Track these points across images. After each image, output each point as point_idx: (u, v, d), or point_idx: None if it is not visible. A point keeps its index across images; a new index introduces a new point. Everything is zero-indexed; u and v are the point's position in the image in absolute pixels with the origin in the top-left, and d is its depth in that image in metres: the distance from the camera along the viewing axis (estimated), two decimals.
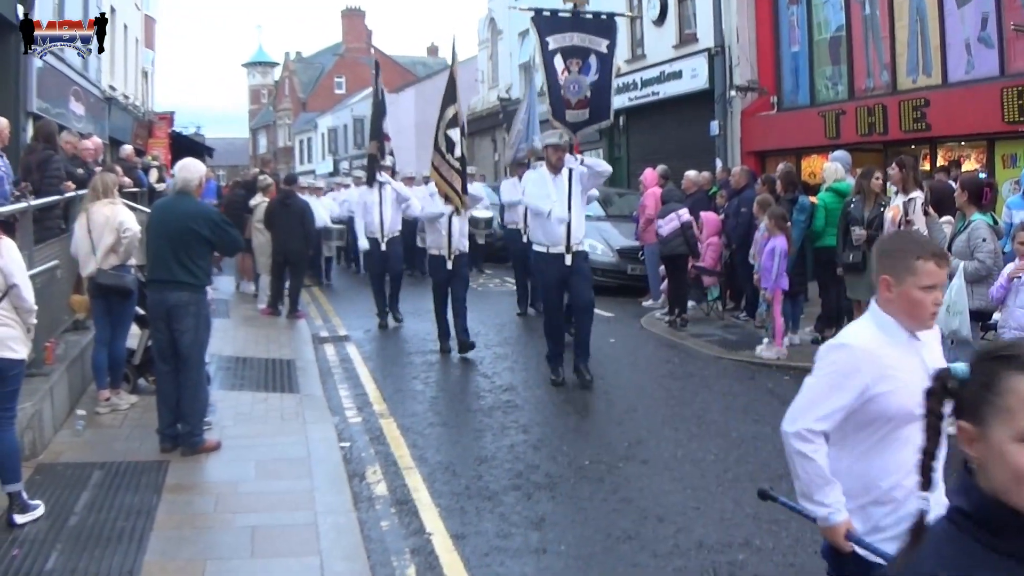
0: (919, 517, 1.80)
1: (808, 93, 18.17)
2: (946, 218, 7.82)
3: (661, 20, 21.80)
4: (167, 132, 31.21)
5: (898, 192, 9.12)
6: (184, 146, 30.32)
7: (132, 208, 8.66)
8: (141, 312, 7.94)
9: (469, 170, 12.33)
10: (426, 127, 32.23)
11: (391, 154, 13.91)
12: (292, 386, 9.08)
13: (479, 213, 13.50)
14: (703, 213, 12.75)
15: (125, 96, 26.47)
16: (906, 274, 2.90)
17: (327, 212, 17.57)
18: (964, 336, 7.13)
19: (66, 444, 6.90)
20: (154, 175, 16.56)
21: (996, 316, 7.41)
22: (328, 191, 20.86)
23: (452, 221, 10.90)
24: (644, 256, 14.36)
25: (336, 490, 6.15)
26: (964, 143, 14.53)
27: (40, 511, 5.43)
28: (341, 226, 17.83)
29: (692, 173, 13.91)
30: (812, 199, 11.12)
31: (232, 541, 5.24)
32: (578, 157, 9.22)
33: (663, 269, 13.03)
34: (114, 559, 4.89)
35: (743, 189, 12.30)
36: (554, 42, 10.12)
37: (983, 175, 11.82)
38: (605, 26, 10.44)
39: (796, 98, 18.57)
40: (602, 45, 10.23)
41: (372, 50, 55.02)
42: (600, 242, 14.99)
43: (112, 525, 5.36)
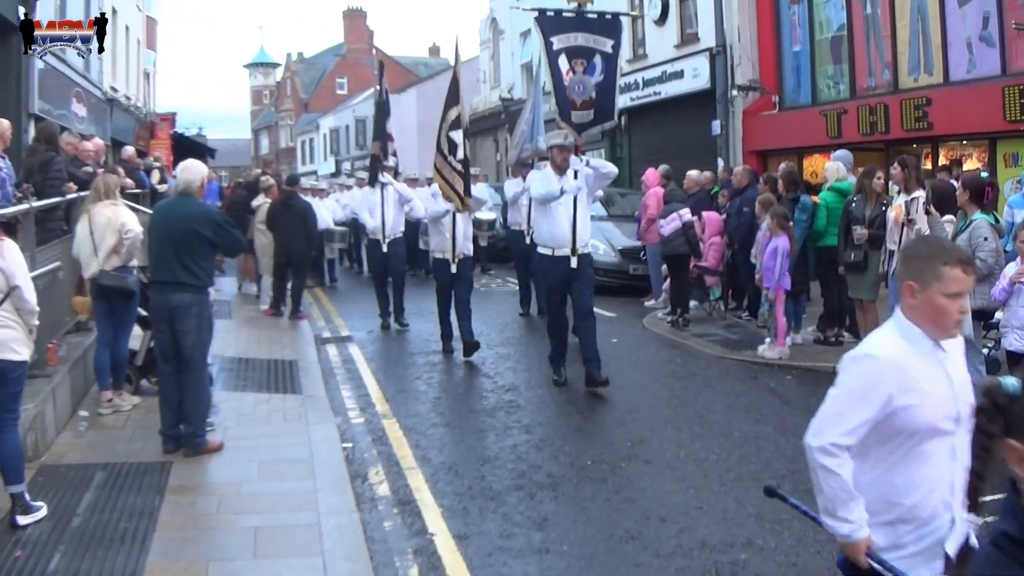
0: (964, 541, 1.71)
1: (810, 92, 18.16)
2: (948, 217, 7.81)
3: (662, 20, 21.79)
4: (169, 133, 31.21)
5: (900, 192, 9.12)
6: (186, 147, 30.31)
7: (134, 209, 8.66)
8: (143, 313, 7.96)
9: (472, 171, 12.12)
10: (428, 127, 32.20)
11: (394, 155, 13.85)
12: (295, 387, 9.09)
13: (482, 215, 13.37)
14: (705, 213, 12.75)
15: (127, 97, 26.48)
16: (932, 280, 2.84)
17: (330, 214, 17.42)
18: (966, 335, 7.10)
19: (69, 445, 6.90)
20: (156, 176, 16.52)
21: (998, 315, 7.40)
22: (331, 192, 20.70)
23: (456, 224, 10.82)
24: (646, 256, 14.36)
25: (339, 491, 6.15)
26: (966, 142, 14.52)
27: (43, 512, 5.44)
28: (344, 228, 17.72)
29: (694, 173, 13.90)
30: (814, 198, 11.10)
31: (235, 542, 5.25)
32: (583, 158, 9.15)
33: (665, 268, 13.04)
34: (117, 560, 4.89)
35: (745, 189, 12.29)
36: (559, 42, 10.04)
37: (985, 174, 11.82)
38: (610, 26, 10.34)
39: (798, 97, 18.56)
40: (607, 45, 10.15)
41: (374, 51, 55.04)
42: (602, 242, 15.00)
43: (115, 526, 5.36)
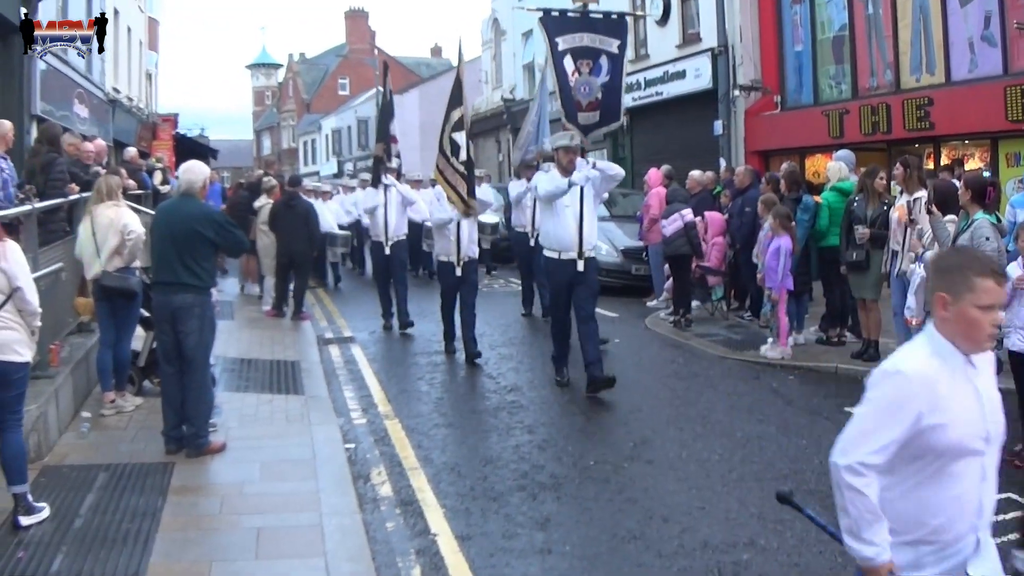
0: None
1: (812, 92, 18.16)
2: (950, 217, 7.80)
3: (664, 20, 21.78)
4: (171, 134, 31.24)
5: (902, 192, 9.11)
6: (188, 148, 30.34)
7: (136, 210, 8.67)
8: (146, 314, 7.96)
9: (477, 172, 11.97)
10: (430, 128, 32.19)
11: (398, 156, 13.79)
12: (297, 388, 9.09)
13: (485, 218, 13.23)
14: (708, 213, 12.74)
15: (129, 98, 26.50)
16: (964, 291, 2.75)
17: (334, 218, 17.10)
18: None
19: (71, 446, 6.91)
20: (158, 177, 16.52)
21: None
22: (335, 194, 20.34)
23: (460, 227, 10.69)
24: (648, 256, 14.35)
25: (341, 491, 6.15)
26: (968, 142, 14.51)
27: (45, 513, 5.45)
28: (347, 233, 17.35)
29: (696, 173, 13.89)
30: (816, 198, 11.10)
31: (237, 542, 5.25)
32: (590, 160, 9.03)
33: (668, 269, 13.03)
34: (119, 561, 4.90)
35: (747, 189, 12.27)
36: (564, 43, 9.94)
37: (987, 174, 11.80)
38: (615, 26, 10.26)
39: (800, 97, 18.56)
40: (613, 45, 10.06)
41: (376, 51, 55.02)
42: (604, 242, 14.95)
43: (117, 527, 5.37)
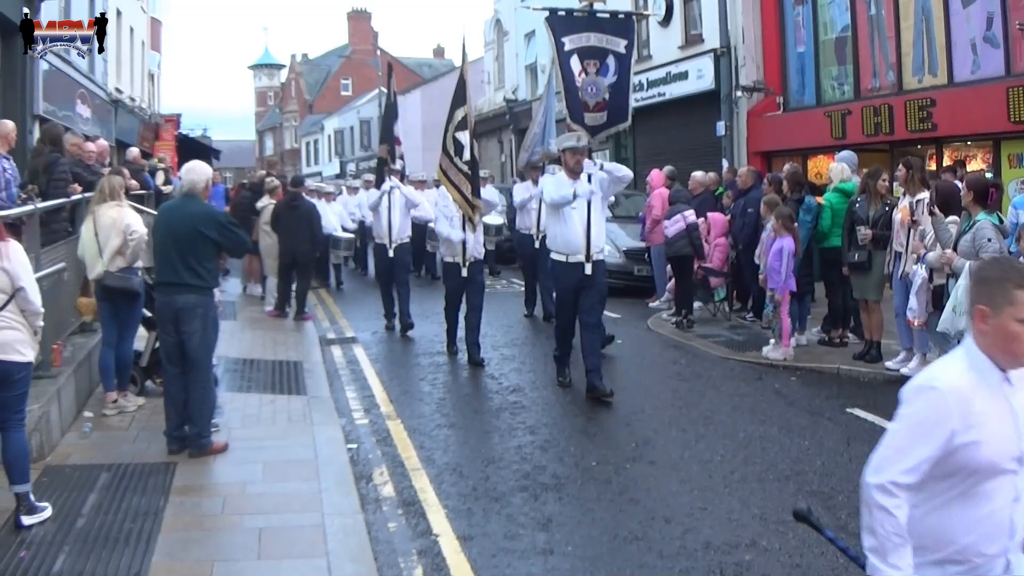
0: None
1: (814, 93, 18.17)
2: (952, 218, 7.80)
3: (667, 21, 21.80)
4: (173, 134, 31.28)
5: (905, 193, 9.11)
6: (191, 148, 30.38)
7: (139, 210, 8.66)
8: (148, 314, 7.97)
9: (481, 173, 11.74)
10: (432, 129, 32.21)
11: (401, 158, 13.69)
12: (299, 388, 9.09)
13: (489, 219, 13.04)
14: (710, 214, 12.73)
15: (131, 98, 26.53)
16: (1004, 304, 2.64)
17: (338, 219, 16.94)
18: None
19: (73, 446, 6.92)
20: (160, 177, 16.55)
21: None
22: (338, 194, 19.94)
23: (467, 227, 10.47)
24: (649, 257, 14.33)
25: (343, 492, 6.15)
26: (970, 143, 14.51)
27: (48, 513, 5.45)
28: (351, 236, 17.09)
29: (699, 174, 13.87)
30: (818, 199, 11.09)
31: (240, 543, 5.25)
32: (597, 162, 8.89)
33: (670, 269, 13.03)
34: (121, 561, 4.90)
35: (749, 189, 12.27)
36: (570, 43, 9.84)
37: (989, 175, 11.81)
38: (622, 25, 10.15)
39: (802, 98, 18.56)
40: (620, 45, 9.94)
41: (378, 52, 55.03)
42: (607, 243, 14.92)
43: (119, 527, 5.37)
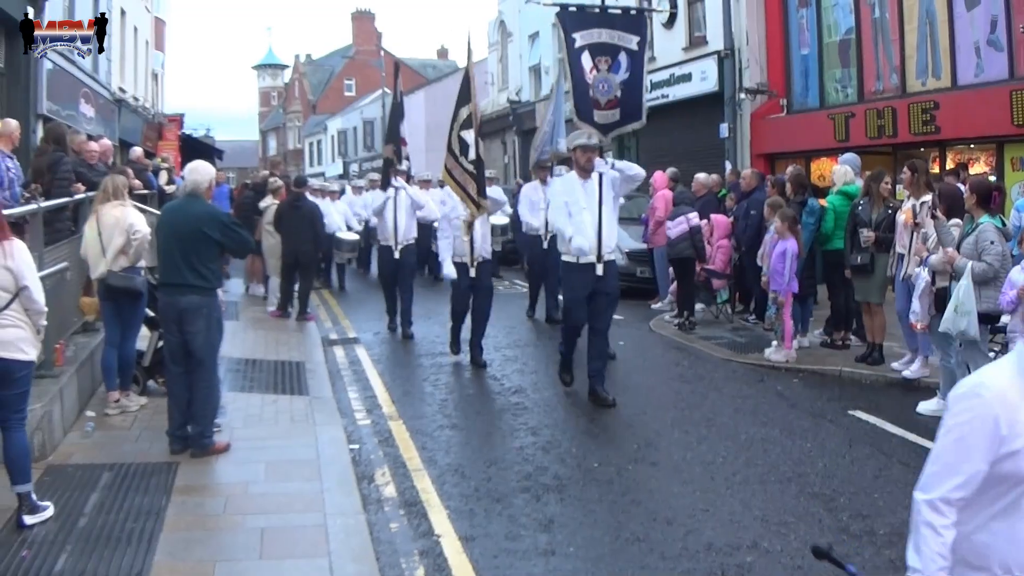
0: None
1: (817, 95, 18.17)
2: (954, 221, 7.80)
3: (671, 23, 21.80)
4: (177, 134, 31.31)
5: (909, 196, 9.10)
6: (194, 148, 30.41)
7: (142, 210, 8.67)
8: (151, 314, 7.97)
9: (487, 173, 11.53)
10: (436, 129, 32.24)
11: (407, 158, 13.58)
12: (302, 388, 9.09)
13: (494, 220, 12.89)
14: (713, 216, 12.72)
15: (135, 98, 26.56)
16: None
17: (343, 218, 16.74)
18: (972, 336, 7.09)
19: (75, 445, 6.92)
20: (164, 177, 16.58)
21: (1005, 320, 7.38)
22: (342, 193, 19.30)
23: (474, 227, 10.25)
24: (653, 259, 14.31)
25: (345, 492, 6.15)
26: (973, 146, 14.50)
27: (49, 512, 5.45)
28: (355, 238, 16.77)
29: (702, 176, 13.86)
30: (821, 202, 11.08)
31: (242, 542, 5.26)
32: (608, 160, 8.68)
33: (672, 271, 13.02)
34: (123, 560, 4.90)
35: (753, 191, 12.26)
36: (581, 39, 9.66)
37: (992, 177, 11.80)
38: (635, 21, 10.01)
39: (805, 100, 18.56)
40: (632, 42, 9.74)
41: (382, 52, 55.12)
42: None
43: (121, 526, 5.38)
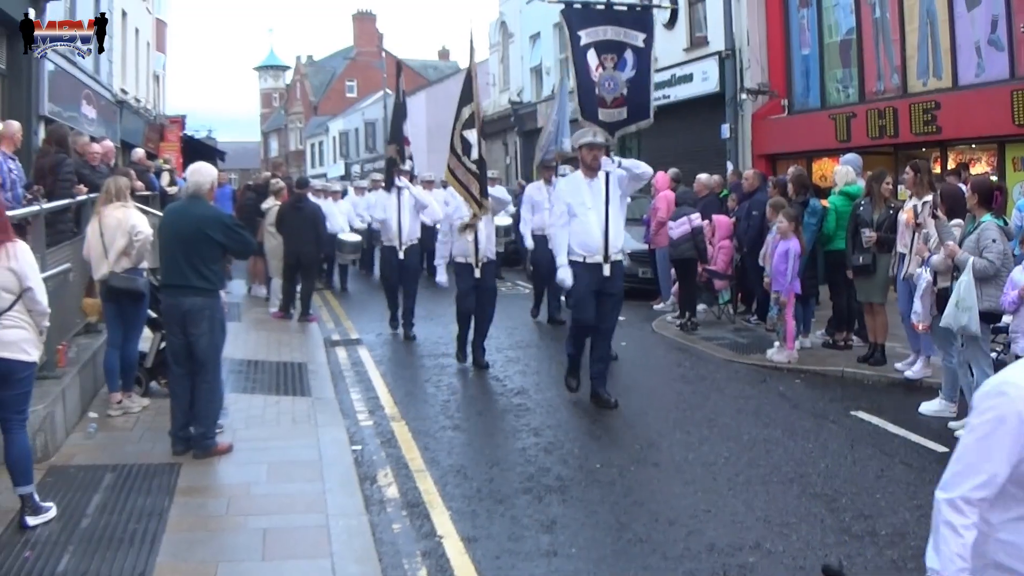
0: None
1: (819, 96, 18.16)
2: (956, 221, 7.79)
3: (672, 23, 21.79)
4: (179, 136, 31.30)
5: (912, 196, 9.10)
6: (196, 150, 30.40)
7: (144, 211, 8.68)
8: (153, 315, 7.98)
9: (489, 173, 11.39)
10: (438, 131, 32.26)
11: (410, 158, 13.56)
12: (304, 389, 9.10)
13: (498, 221, 12.80)
14: (715, 216, 12.71)
15: (137, 99, 26.58)
16: None
17: (346, 219, 16.76)
18: (973, 332, 7.08)
19: (78, 447, 6.93)
20: (165, 179, 16.58)
21: (1006, 319, 7.37)
22: (344, 194, 19.48)
23: (478, 226, 10.16)
24: (655, 260, 14.31)
25: (348, 493, 6.16)
26: (974, 146, 14.49)
27: (52, 513, 5.46)
28: (357, 240, 16.76)
29: (703, 176, 13.85)
30: (823, 202, 11.08)
31: (244, 543, 5.26)
32: (615, 159, 8.60)
33: (674, 272, 13.01)
34: (126, 561, 4.91)
35: (754, 192, 12.25)
36: (586, 36, 9.59)
37: (994, 177, 11.79)
38: (641, 18, 9.93)
39: (807, 101, 18.56)
40: (638, 39, 9.66)
41: (383, 53, 55.07)
42: None
43: (124, 527, 5.38)
